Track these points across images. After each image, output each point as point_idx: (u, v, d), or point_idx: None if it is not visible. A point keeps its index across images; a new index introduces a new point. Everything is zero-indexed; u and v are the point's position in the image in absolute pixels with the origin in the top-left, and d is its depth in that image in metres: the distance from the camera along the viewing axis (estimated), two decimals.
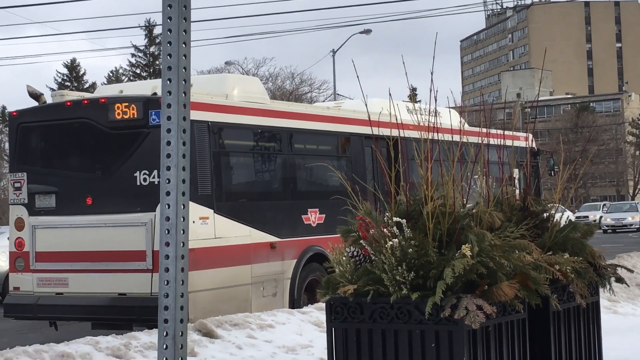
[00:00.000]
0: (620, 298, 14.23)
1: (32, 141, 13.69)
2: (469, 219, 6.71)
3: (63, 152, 13.54)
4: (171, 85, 2.93)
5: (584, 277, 7.52)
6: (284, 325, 10.84)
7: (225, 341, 9.92)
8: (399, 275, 6.35)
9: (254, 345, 10.00)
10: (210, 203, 12.92)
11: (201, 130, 12.79)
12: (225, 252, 13.10)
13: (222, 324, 10.37)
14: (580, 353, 7.74)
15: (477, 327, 6.15)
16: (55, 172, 13.48)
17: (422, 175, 6.77)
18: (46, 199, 13.31)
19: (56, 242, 13.18)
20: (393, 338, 6.43)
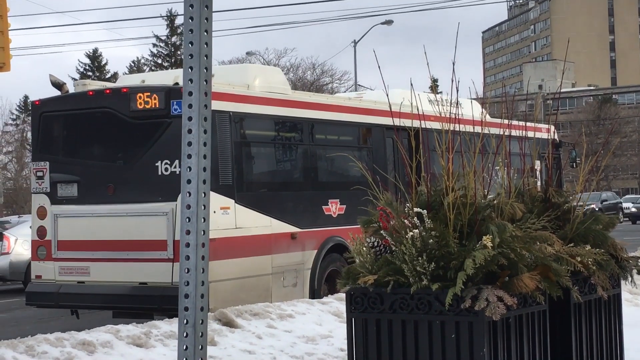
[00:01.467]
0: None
1: (54, 130, 13.73)
2: (490, 210, 6.69)
3: (85, 142, 13.57)
4: (193, 73, 2.93)
5: (605, 269, 7.50)
6: (304, 315, 10.85)
7: (245, 331, 9.94)
8: (419, 265, 6.35)
9: (273, 335, 10.02)
10: (231, 193, 12.92)
11: (222, 120, 12.74)
12: (246, 242, 13.10)
13: (242, 313, 10.39)
14: (601, 345, 7.72)
15: (497, 318, 6.14)
16: (77, 162, 13.49)
17: (443, 166, 6.76)
18: (68, 188, 13.30)
19: (78, 230, 13.20)
20: (413, 329, 6.43)
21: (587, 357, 7.49)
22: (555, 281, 6.68)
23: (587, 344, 7.50)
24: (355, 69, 51.54)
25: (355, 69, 51.23)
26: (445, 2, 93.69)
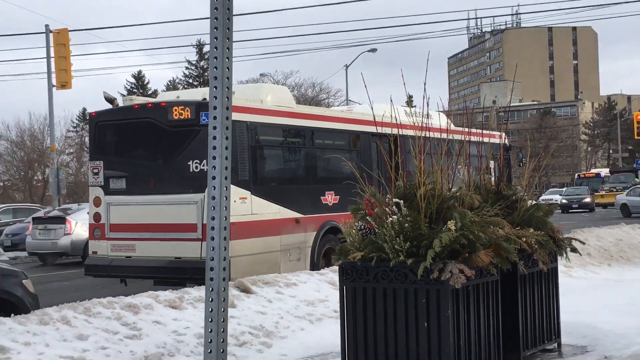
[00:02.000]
0: (574, 265, 14.17)
1: (107, 136, 13.68)
2: (453, 200, 6.69)
3: (131, 145, 13.54)
4: (217, 92, 2.93)
5: (545, 248, 7.53)
6: (305, 284, 10.86)
7: (259, 296, 9.95)
8: (397, 244, 6.35)
9: (281, 300, 10.03)
10: (248, 186, 12.92)
11: (241, 128, 12.80)
12: (260, 226, 13.09)
13: (256, 282, 10.40)
14: (541, 308, 7.74)
15: (459, 286, 6.15)
16: (125, 161, 13.48)
17: (417, 165, 6.77)
18: (118, 182, 13.34)
19: (126, 216, 13.23)
20: (392, 295, 6.44)
21: (531, 318, 7.51)
22: (505, 257, 6.69)
23: (531, 307, 7.52)
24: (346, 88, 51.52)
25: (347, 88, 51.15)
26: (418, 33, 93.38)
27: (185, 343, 8.14)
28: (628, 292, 11.65)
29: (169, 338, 8.18)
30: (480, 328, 6.60)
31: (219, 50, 2.91)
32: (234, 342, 8.37)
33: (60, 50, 26.97)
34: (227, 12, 2.89)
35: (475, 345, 6.52)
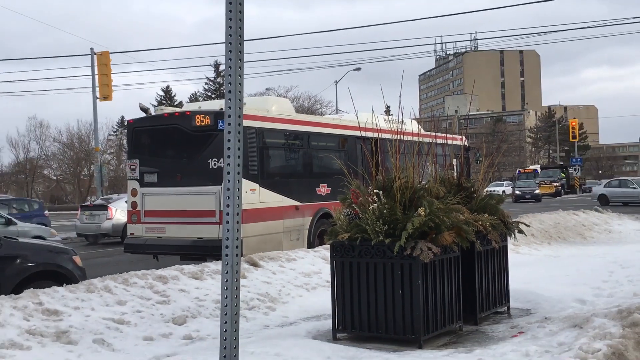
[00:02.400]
0: (521, 243, 14.19)
1: (142, 139, 13.69)
2: (423, 191, 6.70)
3: (162, 146, 13.53)
4: (230, 103, 2.94)
5: (497, 229, 7.54)
6: (303, 259, 10.87)
7: (265, 269, 9.96)
8: (377, 227, 6.36)
9: (283, 272, 10.03)
10: (257, 179, 12.96)
11: (252, 132, 12.83)
12: (267, 212, 13.12)
13: (263, 258, 10.39)
14: (494, 279, 7.75)
15: (427, 261, 6.17)
16: (157, 159, 13.48)
17: (393, 162, 6.77)
18: (151, 176, 13.36)
19: (157, 204, 13.24)
20: (373, 268, 6.45)
21: (485, 286, 7.53)
22: (465, 237, 6.70)
23: (485, 278, 7.53)
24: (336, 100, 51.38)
25: (336, 100, 50.97)
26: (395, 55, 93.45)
27: (205, 307, 8.14)
28: (564, 266, 11.69)
29: (192, 303, 8.18)
30: (444, 295, 6.62)
31: (232, 69, 2.91)
32: (245, 306, 8.38)
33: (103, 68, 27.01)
34: (239, 38, 2.89)
35: (440, 309, 6.54)
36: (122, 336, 6.99)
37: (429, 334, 6.35)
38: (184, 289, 8.60)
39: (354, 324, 6.56)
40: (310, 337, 6.82)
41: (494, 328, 7.11)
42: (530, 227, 14.23)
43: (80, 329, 6.90)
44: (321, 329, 7.17)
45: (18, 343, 6.32)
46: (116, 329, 7.13)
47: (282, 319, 8.07)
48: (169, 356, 6.34)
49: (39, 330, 6.64)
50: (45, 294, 7.45)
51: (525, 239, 14.41)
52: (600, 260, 12.15)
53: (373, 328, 6.45)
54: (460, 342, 6.52)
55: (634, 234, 18.74)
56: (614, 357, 5.01)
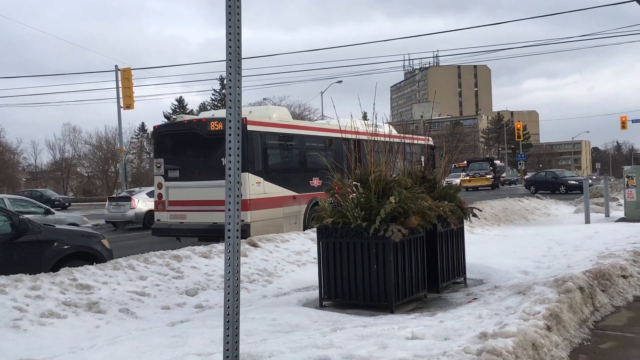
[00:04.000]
0: (475, 225, 14.26)
1: (166, 141, 13.84)
2: (393, 182, 6.70)
3: (183, 147, 13.65)
4: (231, 110, 2.93)
5: (455, 214, 7.55)
6: (295, 240, 10.85)
7: (263, 249, 9.94)
8: (356, 213, 6.36)
9: (278, 251, 10.02)
10: (261, 174, 13.12)
11: (257, 136, 13.05)
12: (270, 201, 13.28)
13: (261, 239, 10.37)
14: (453, 255, 7.77)
15: (397, 240, 6.18)
16: (179, 159, 13.63)
17: (368, 159, 6.77)
18: (174, 172, 13.50)
19: (180, 195, 13.39)
20: (352, 247, 6.44)
21: (446, 261, 7.55)
22: (429, 220, 6.70)
23: (446, 254, 7.55)
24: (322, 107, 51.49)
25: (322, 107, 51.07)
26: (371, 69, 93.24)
27: (213, 281, 8.12)
28: (511, 243, 11.75)
29: (202, 278, 8.15)
30: (412, 268, 6.63)
31: (232, 82, 2.90)
32: (246, 280, 8.36)
33: (125, 82, 26.85)
34: (237, 56, 2.89)
35: (408, 280, 6.56)
36: (143, 306, 6.97)
37: (399, 300, 6.37)
38: (195, 266, 8.58)
39: (337, 294, 6.57)
40: (301, 305, 6.82)
41: (453, 295, 7.15)
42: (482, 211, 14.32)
43: (108, 300, 6.86)
44: (310, 298, 7.17)
45: (56, 312, 6.28)
46: (138, 300, 7.10)
47: (278, 290, 8.07)
48: (183, 322, 6.32)
49: (73, 302, 6.60)
50: (79, 271, 7.41)
51: (479, 221, 14.50)
52: (540, 238, 12.22)
53: (353, 297, 6.46)
54: (425, 307, 6.55)
55: (569, 217, 18.90)
56: (551, 318, 5.06)
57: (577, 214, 19.20)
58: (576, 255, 9.15)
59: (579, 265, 7.57)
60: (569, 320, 5.26)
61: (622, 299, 6.50)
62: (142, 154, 75.03)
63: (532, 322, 4.79)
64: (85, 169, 74.15)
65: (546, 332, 4.73)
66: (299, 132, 14.82)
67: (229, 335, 3.36)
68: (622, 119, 43.98)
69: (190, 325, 5.92)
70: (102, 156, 69.36)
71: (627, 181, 15.78)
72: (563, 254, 9.62)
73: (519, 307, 5.43)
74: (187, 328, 5.77)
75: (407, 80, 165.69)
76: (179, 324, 6.28)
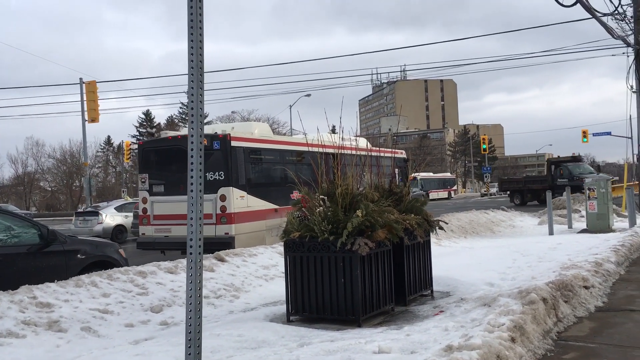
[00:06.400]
0: (443, 238, 14.39)
1: (150, 157, 14.08)
2: (360, 196, 6.71)
3: (167, 163, 13.96)
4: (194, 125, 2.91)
5: (422, 227, 7.59)
6: (262, 254, 10.77)
7: (230, 263, 9.84)
8: (323, 227, 6.35)
9: (246, 265, 9.93)
10: (245, 188, 13.38)
11: (240, 151, 13.40)
12: (253, 214, 13.52)
13: (229, 254, 10.26)
14: (420, 268, 7.80)
15: (364, 254, 6.18)
16: (163, 173, 13.91)
17: (335, 173, 6.78)
18: (159, 187, 13.77)
19: (164, 209, 13.66)
20: (320, 261, 6.42)
21: (413, 274, 7.57)
22: (396, 234, 6.72)
23: (413, 267, 7.58)
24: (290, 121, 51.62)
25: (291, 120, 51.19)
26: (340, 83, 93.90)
27: (178, 297, 7.98)
28: (477, 255, 11.88)
29: (167, 294, 8.01)
30: (379, 281, 6.64)
31: (194, 96, 2.88)
32: (213, 295, 8.25)
33: (90, 95, 26.49)
34: (199, 70, 2.87)
35: (376, 293, 6.56)
36: (106, 324, 6.80)
37: (366, 314, 6.36)
38: (161, 282, 8.42)
39: (304, 308, 6.52)
40: (268, 320, 6.75)
41: (420, 308, 7.17)
42: (449, 224, 14.47)
43: (70, 318, 6.67)
44: (277, 313, 7.11)
45: (14, 332, 6.08)
46: (101, 317, 6.92)
47: (245, 305, 7.98)
48: (147, 340, 6.19)
49: (32, 321, 6.40)
50: (39, 289, 7.19)
51: (446, 234, 14.64)
52: (505, 250, 12.40)
53: (320, 311, 6.43)
54: (392, 320, 6.55)
55: (533, 228, 19.24)
56: (515, 329, 5.11)
57: (541, 225, 19.55)
58: (540, 267, 9.30)
59: (542, 277, 7.69)
60: (533, 331, 5.33)
61: (584, 310, 6.62)
62: (108, 168, 73.78)
63: (496, 334, 4.83)
64: (48, 183, 72.53)
65: (510, 344, 4.78)
66: (280, 147, 15.14)
67: (191, 354, 3.29)
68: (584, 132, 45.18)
69: (154, 343, 5.79)
70: (67, 170, 68.02)
71: (588, 193, 16.16)
72: (527, 266, 9.76)
73: (484, 319, 5.47)
74: (150, 346, 5.64)
75: (375, 93, 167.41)
76: (142, 341, 6.14)
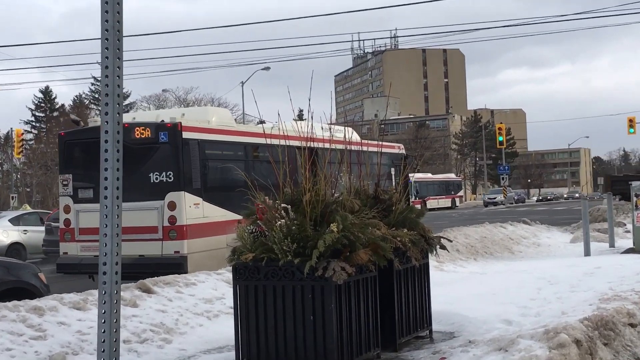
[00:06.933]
0: (445, 260, 14.53)
1: (75, 152, 14.22)
2: (335, 204, 6.73)
3: (98, 160, 13.99)
4: (108, 107, 2.86)
5: (417, 246, 7.65)
6: (204, 283, 10.71)
7: (160, 296, 9.74)
8: (285, 246, 6.35)
9: (181, 298, 9.86)
10: (200, 193, 13.50)
11: (194, 145, 13.53)
12: (211, 227, 13.62)
13: (157, 282, 10.16)
14: (415, 300, 7.86)
15: (341, 282, 6.20)
16: (93, 174, 13.88)
17: (303, 173, 6.78)
18: (87, 191, 13.89)
19: (94, 221, 13.89)
20: (281, 291, 6.43)
21: (405, 308, 7.62)
22: (382, 255, 6.75)
23: (405, 299, 7.62)
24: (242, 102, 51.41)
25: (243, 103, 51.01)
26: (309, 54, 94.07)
27: (89, 342, 7.87)
28: (491, 283, 12.01)
29: (73, 338, 7.89)
30: (360, 319, 6.66)
31: (110, 69, 2.83)
32: (135, 339, 8.16)
33: None
34: (117, 34, 2.82)
35: (356, 335, 6.58)
36: None
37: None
38: (64, 321, 8.29)
39: (260, 356, 6.51)
40: None
41: (414, 354, 7.21)
42: (453, 242, 14.62)
43: None
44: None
45: None
46: None
47: (180, 352, 7.91)
48: None
49: None
50: None
51: (450, 255, 14.79)
52: (528, 276, 12.57)
53: (282, 359, 6.42)
54: None
55: (563, 247, 19.60)
56: None
57: (575, 243, 19.92)
58: (572, 299, 9.45)
59: (575, 312, 7.81)
60: None
61: (629, 355, 6.75)
62: None
63: None
64: None
65: None
66: (247, 140, 15.08)
67: None
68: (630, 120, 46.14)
69: None
70: None
71: (635, 201, 16.51)
72: (556, 297, 9.91)
73: None
74: None
75: (356, 67, 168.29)
76: None
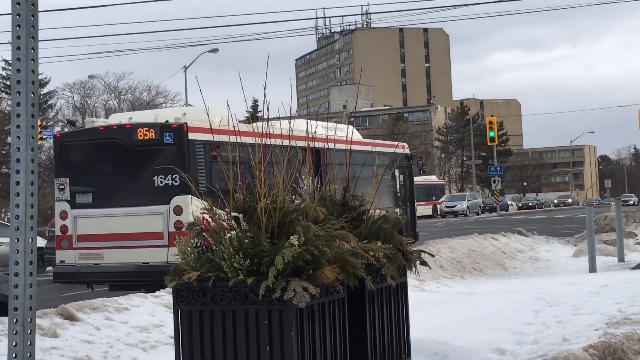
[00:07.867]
0: (427, 278, 14.59)
1: (72, 155, 15.30)
2: (296, 213, 6.71)
3: (98, 163, 15.20)
4: (20, 97, 2.79)
5: (393, 262, 7.64)
6: (139, 307, 10.66)
7: (85, 323, 9.67)
8: (236, 262, 6.32)
9: (111, 327, 9.79)
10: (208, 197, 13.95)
11: (201, 147, 14.54)
12: None
13: (82, 308, 10.09)
14: (391, 326, 7.86)
15: (303, 306, 6.17)
16: (91, 178, 15.09)
17: (257, 176, 6.76)
18: (85, 196, 14.93)
19: (93, 227, 14.78)
20: (231, 317, 6.39)
21: (380, 336, 7.61)
22: (352, 272, 6.73)
23: (380, 325, 7.61)
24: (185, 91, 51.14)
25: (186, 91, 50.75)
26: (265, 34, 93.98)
27: None
28: (480, 305, 12.07)
29: None
30: (326, 349, 6.65)
31: (22, 50, 2.77)
32: None
33: None
34: (31, 8, 2.78)
35: None
36: None
37: None
38: None
39: None
40: None
41: None
42: (436, 256, 14.70)
43: None
44: None
45: None
46: None
47: None
48: None
49: None
50: None
51: (432, 272, 14.86)
52: (524, 296, 12.68)
53: None
54: None
55: (565, 262, 19.82)
56: None
57: (578, 257, 20.15)
58: (575, 323, 9.55)
59: (579, 338, 7.91)
60: None
61: None
62: None
63: None
64: None
65: None
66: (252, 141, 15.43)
67: None
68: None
69: None
70: None
71: None
72: (557, 321, 10.01)
73: None
74: None
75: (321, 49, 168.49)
76: None
